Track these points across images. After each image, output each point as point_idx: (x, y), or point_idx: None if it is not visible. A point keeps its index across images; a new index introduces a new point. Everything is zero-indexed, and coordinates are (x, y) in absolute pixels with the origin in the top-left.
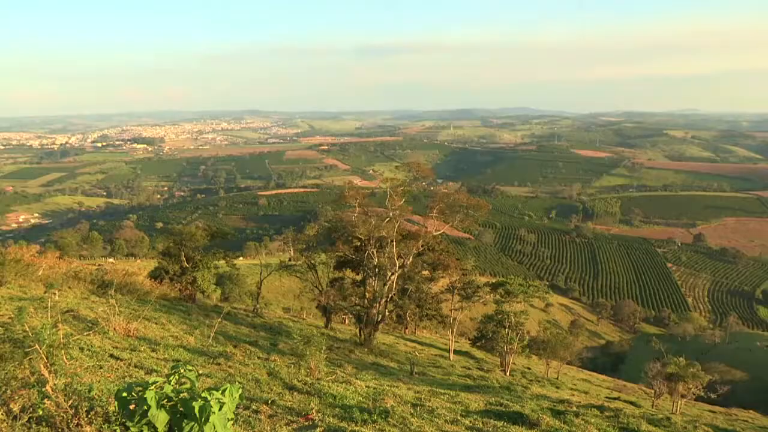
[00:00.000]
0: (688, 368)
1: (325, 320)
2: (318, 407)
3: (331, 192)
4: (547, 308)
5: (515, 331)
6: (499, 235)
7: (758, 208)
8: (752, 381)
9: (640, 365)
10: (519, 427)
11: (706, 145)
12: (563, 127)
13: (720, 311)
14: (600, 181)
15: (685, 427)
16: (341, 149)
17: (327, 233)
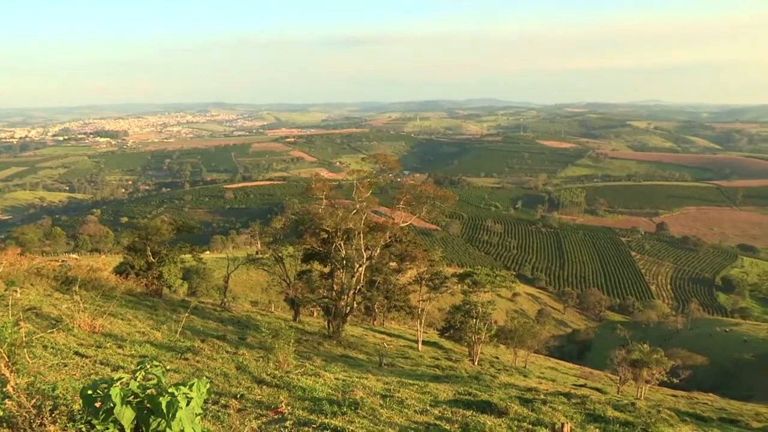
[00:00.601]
0: (652, 354)
1: (294, 313)
2: (287, 400)
3: (298, 184)
4: (514, 298)
5: (483, 321)
6: (466, 226)
7: (718, 197)
8: (712, 365)
9: (605, 352)
10: (488, 415)
11: (668, 135)
12: (529, 118)
13: (682, 298)
14: (565, 172)
15: (649, 412)
16: (308, 141)
17: (294, 226)
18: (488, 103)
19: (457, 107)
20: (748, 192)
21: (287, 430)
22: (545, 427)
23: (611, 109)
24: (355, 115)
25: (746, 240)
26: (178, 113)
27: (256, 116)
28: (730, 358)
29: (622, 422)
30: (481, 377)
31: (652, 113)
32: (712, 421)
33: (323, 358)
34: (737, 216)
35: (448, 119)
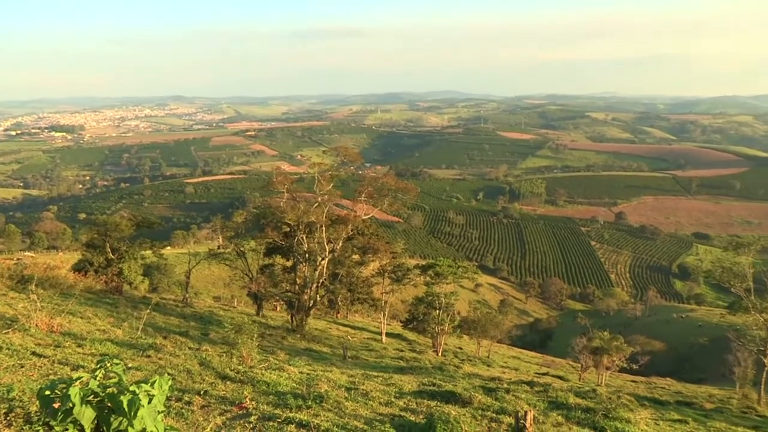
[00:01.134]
0: (612, 342)
1: (257, 308)
2: (251, 395)
3: (259, 178)
4: (477, 288)
5: (446, 312)
6: (427, 218)
7: (674, 187)
8: (669, 351)
9: (567, 341)
10: (452, 405)
11: (625, 126)
12: (489, 110)
13: (640, 286)
14: (525, 163)
15: (610, 398)
16: (268, 135)
17: (256, 220)
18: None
19: (418, 99)
20: (702, 182)
21: (252, 425)
22: (509, 415)
23: (570, 100)
24: (316, 107)
25: (700, 228)
26: (137, 107)
27: (216, 110)
28: (686, 343)
29: (584, 408)
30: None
31: (609, 105)
32: (669, 404)
33: (287, 352)
34: (692, 205)
35: (409, 111)
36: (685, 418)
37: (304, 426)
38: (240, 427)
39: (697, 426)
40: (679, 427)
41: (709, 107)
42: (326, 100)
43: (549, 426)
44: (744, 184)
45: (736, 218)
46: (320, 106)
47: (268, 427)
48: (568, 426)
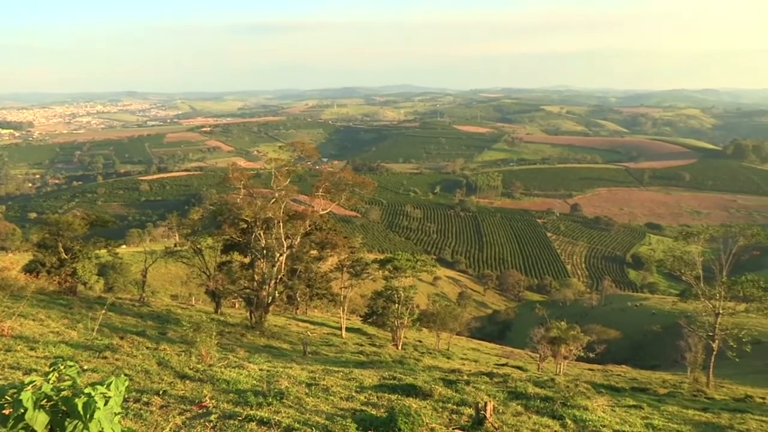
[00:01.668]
0: (569, 331)
1: (215, 305)
2: (211, 394)
3: (216, 174)
4: (435, 282)
5: (405, 306)
6: (385, 212)
7: (626, 178)
8: (624, 339)
9: (525, 331)
10: (413, 398)
11: (579, 119)
12: (445, 103)
13: (596, 276)
14: (482, 156)
15: (568, 386)
16: (224, 130)
17: (212, 217)
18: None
19: (374, 94)
20: (654, 173)
21: (212, 424)
22: (469, 406)
23: (525, 94)
24: (271, 103)
25: (653, 218)
26: (88, 103)
27: (170, 105)
28: (640, 331)
29: (543, 398)
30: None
31: (564, 98)
32: (625, 391)
33: (246, 349)
34: (644, 196)
35: (365, 106)
36: (639, 404)
37: (264, 423)
38: (200, 427)
39: (651, 411)
40: (635, 413)
41: (660, 100)
42: (282, 95)
43: (509, 416)
44: (693, 175)
45: (686, 208)
46: (276, 101)
47: (228, 425)
48: (527, 415)
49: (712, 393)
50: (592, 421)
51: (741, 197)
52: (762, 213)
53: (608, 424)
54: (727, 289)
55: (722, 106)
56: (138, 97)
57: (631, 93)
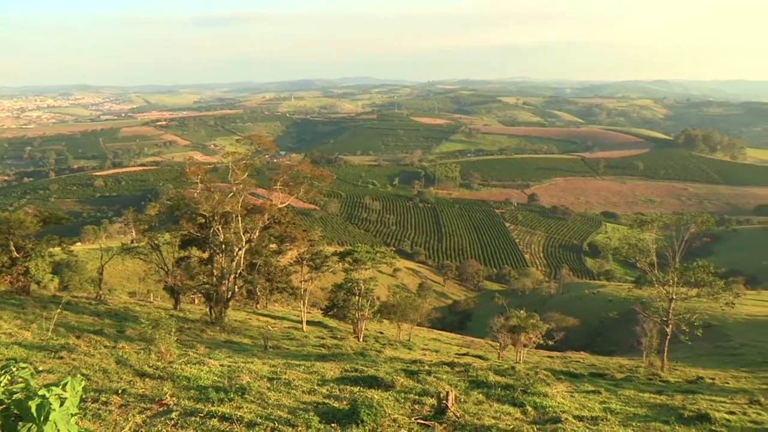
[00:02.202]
0: (528, 319)
1: (174, 301)
2: (172, 391)
3: (172, 169)
4: (395, 273)
5: (365, 298)
6: (344, 205)
7: (582, 168)
8: (582, 326)
9: (485, 321)
10: (375, 390)
11: (535, 110)
12: (403, 95)
13: (554, 264)
14: (440, 147)
15: (528, 374)
16: (180, 124)
17: (169, 212)
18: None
19: (331, 86)
20: (609, 162)
21: (174, 421)
22: (431, 396)
23: (482, 85)
24: (228, 96)
25: (608, 207)
26: (37, 97)
27: (124, 99)
28: (598, 318)
29: (504, 386)
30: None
31: (520, 89)
32: (583, 377)
33: (207, 345)
34: (600, 185)
35: (323, 98)
36: (598, 389)
37: (226, 419)
38: (161, 424)
39: (609, 395)
40: (593, 398)
41: (613, 91)
42: (239, 88)
43: (470, 404)
44: (646, 165)
45: (640, 197)
46: (233, 95)
47: (190, 422)
48: (489, 403)
49: (667, 376)
50: (552, 407)
51: (692, 185)
52: (712, 201)
53: (568, 409)
54: (680, 275)
55: (673, 97)
56: (91, 91)
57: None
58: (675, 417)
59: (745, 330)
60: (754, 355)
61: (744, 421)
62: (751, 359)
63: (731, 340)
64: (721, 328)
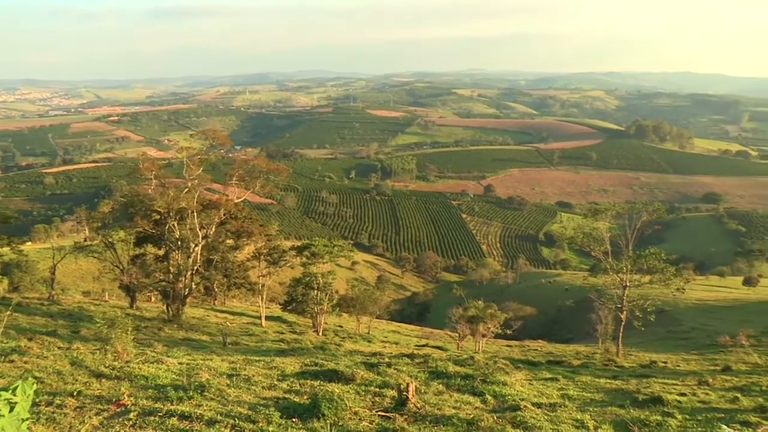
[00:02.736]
0: (487, 310)
1: (130, 300)
2: (129, 391)
3: (125, 165)
4: (354, 266)
5: (324, 292)
6: (301, 198)
7: (537, 159)
8: (540, 314)
9: (444, 312)
10: (336, 383)
11: (490, 102)
12: (358, 88)
13: (511, 255)
14: (396, 140)
15: (487, 364)
16: (133, 119)
17: (123, 209)
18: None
19: (286, 79)
20: (563, 153)
21: (132, 422)
22: (392, 388)
23: (437, 77)
24: (182, 90)
25: (563, 197)
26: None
27: (74, 94)
28: (555, 306)
29: (463, 376)
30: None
31: (475, 81)
32: (541, 364)
33: (165, 343)
34: (555, 176)
35: (278, 92)
36: (555, 376)
37: (186, 418)
38: (119, 426)
39: (567, 382)
40: (551, 385)
41: (567, 83)
42: (192, 82)
43: (431, 395)
44: (599, 155)
45: (594, 187)
46: (186, 89)
47: (149, 422)
48: (449, 394)
49: (622, 361)
50: (511, 395)
51: (643, 175)
52: (662, 189)
53: (527, 397)
54: (633, 262)
55: (625, 89)
56: (38, 86)
57: (540, 76)
58: (630, 401)
59: (694, 314)
60: (703, 338)
61: (693, 402)
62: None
63: (682, 325)
64: (673, 313)
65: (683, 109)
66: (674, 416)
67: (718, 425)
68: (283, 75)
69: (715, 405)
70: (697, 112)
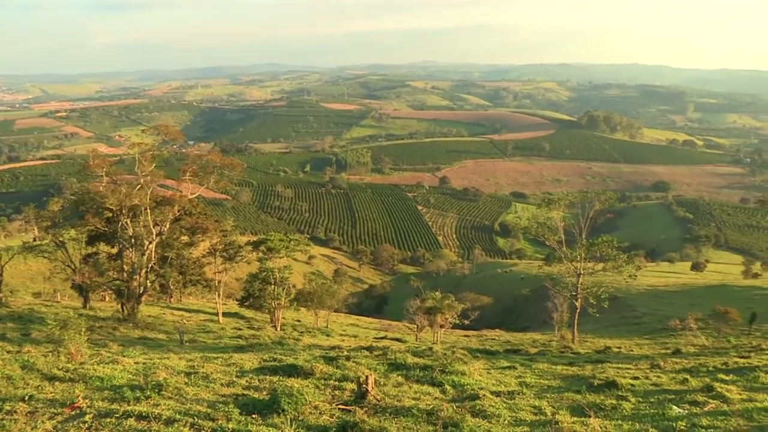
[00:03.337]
0: (444, 300)
1: (83, 300)
2: (84, 393)
3: (75, 162)
4: (310, 260)
5: (281, 286)
6: (256, 193)
7: (491, 150)
8: (496, 304)
9: (402, 304)
10: (295, 378)
11: (444, 94)
12: (312, 81)
13: (467, 245)
14: (350, 133)
15: (445, 354)
16: (82, 115)
17: (74, 207)
18: (271, 68)
19: (239, 73)
20: (516, 144)
21: (87, 424)
22: (351, 381)
23: (391, 70)
24: (132, 85)
25: (517, 188)
26: None
27: (18, 89)
28: (511, 296)
29: (422, 367)
30: (284, 342)
31: (429, 74)
32: (499, 353)
33: (120, 343)
34: (509, 166)
35: (231, 86)
36: (513, 364)
37: (144, 418)
38: (73, 429)
39: (524, 370)
40: (509, 373)
41: (519, 74)
42: (143, 77)
43: (390, 387)
44: (552, 146)
45: (548, 177)
46: (137, 83)
47: (105, 424)
48: (408, 385)
49: (578, 348)
50: (470, 384)
51: (595, 164)
52: (614, 179)
53: (485, 386)
54: (586, 250)
55: (576, 80)
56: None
57: (493, 68)
58: (586, 386)
59: (646, 300)
60: (655, 323)
61: (646, 385)
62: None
63: (635, 310)
64: (626, 300)
65: (632, 99)
66: (628, 399)
67: (668, 406)
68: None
69: (666, 387)
70: (646, 103)
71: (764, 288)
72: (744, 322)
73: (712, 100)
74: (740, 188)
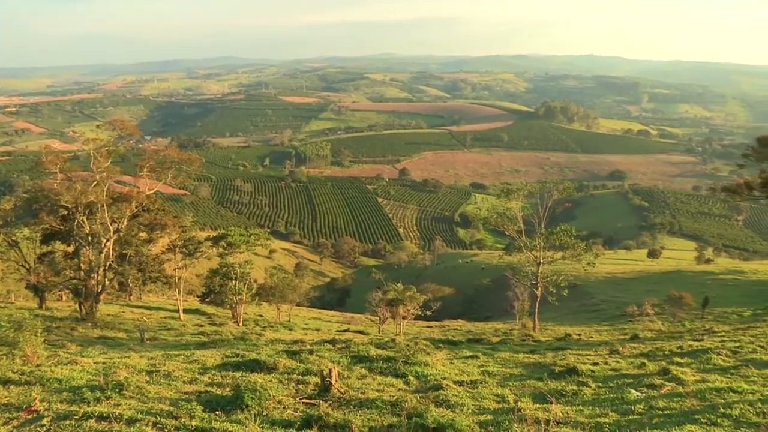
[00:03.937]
0: (406, 292)
1: (39, 300)
2: (42, 396)
3: (27, 159)
4: (271, 255)
5: (242, 282)
6: (215, 188)
7: (450, 141)
8: (458, 294)
9: (364, 296)
10: (258, 373)
11: (402, 86)
12: (269, 74)
13: (427, 237)
14: (309, 126)
15: (408, 345)
16: (33, 110)
17: (27, 205)
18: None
19: (196, 66)
20: (475, 135)
21: (45, 428)
22: (315, 375)
23: (349, 62)
24: (86, 79)
25: (477, 179)
26: None
27: None
28: (472, 286)
29: (385, 359)
30: (247, 337)
31: (387, 66)
32: (461, 343)
33: (79, 343)
34: (468, 157)
35: (187, 79)
36: (475, 354)
37: (104, 418)
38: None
39: (486, 359)
40: (471, 362)
41: (477, 66)
42: (96, 71)
43: (354, 380)
44: (511, 136)
45: (506, 167)
46: (91, 77)
47: (64, 426)
48: (372, 377)
49: (539, 336)
50: (433, 375)
51: (553, 155)
52: (571, 168)
53: (448, 376)
54: (545, 239)
55: (533, 71)
56: None
57: (450, 59)
58: (547, 373)
59: (604, 287)
60: (613, 310)
61: (606, 370)
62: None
63: (593, 298)
64: (585, 287)
65: (588, 90)
66: (588, 385)
67: (627, 390)
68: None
69: (625, 371)
70: (602, 93)
71: (716, 273)
72: (697, 306)
73: (665, 91)
74: (692, 176)
